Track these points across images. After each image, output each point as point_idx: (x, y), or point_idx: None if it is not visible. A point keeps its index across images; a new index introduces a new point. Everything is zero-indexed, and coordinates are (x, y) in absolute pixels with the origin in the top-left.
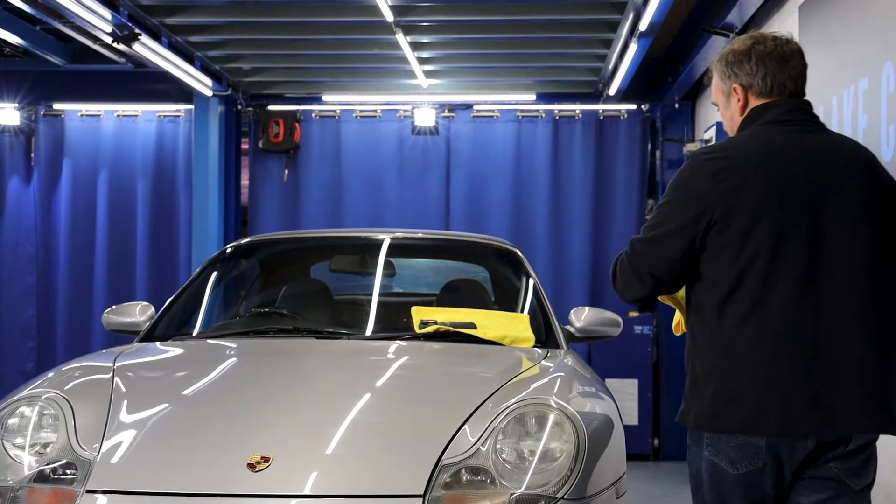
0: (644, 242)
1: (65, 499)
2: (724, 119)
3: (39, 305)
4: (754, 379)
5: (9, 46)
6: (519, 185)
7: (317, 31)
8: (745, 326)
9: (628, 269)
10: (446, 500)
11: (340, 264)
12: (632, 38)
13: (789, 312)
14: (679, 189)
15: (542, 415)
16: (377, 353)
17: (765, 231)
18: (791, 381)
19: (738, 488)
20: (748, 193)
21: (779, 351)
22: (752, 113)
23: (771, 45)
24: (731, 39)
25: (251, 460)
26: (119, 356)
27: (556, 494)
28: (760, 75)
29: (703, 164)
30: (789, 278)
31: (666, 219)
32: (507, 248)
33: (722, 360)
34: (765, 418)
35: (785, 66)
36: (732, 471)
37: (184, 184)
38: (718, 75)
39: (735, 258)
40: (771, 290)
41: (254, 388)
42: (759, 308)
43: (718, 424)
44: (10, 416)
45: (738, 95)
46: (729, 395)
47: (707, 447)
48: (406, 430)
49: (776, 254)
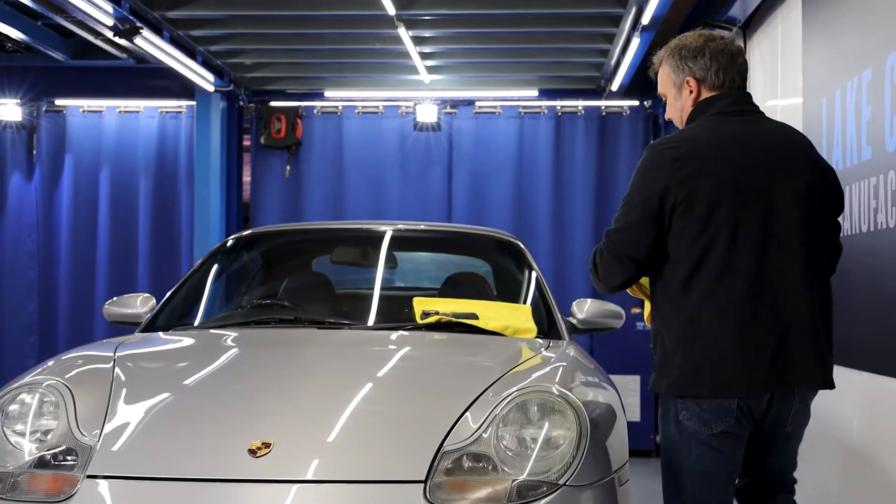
0: (619, 231)
1: (65, 484)
2: (673, 109)
3: (41, 301)
4: (720, 348)
5: (10, 42)
6: (521, 181)
7: (319, 24)
8: (709, 300)
9: (608, 257)
10: (448, 486)
11: (342, 256)
12: (634, 32)
13: (749, 287)
14: (642, 177)
15: (545, 402)
16: (379, 343)
17: (725, 213)
18: (752, 348)
19: (711, 449)
20: (706, 179)
21: (741, 321)
22: (701, 104)
23: (721, 43)
24: (736, 33)
25: (252, 446)
26: (120, 345)
27: (558, 481)
28: (714, 70)
29: (663, 153)
30: (747, 256)
31: (634, 206)
32: (509, 241)
33: (689, 332)
34: (734, 381)
35: (734, 62)
36: (707, 431)
37: (185, 180)
38: (671, 68)
39: (697, 238)
40: (732, 267)
41: (255, 376)
42: (722, 284)
43: (689, 391)
44: (11, 402)
45: (691, 87)
46: (697, 363)
47: (681, 411)
48: (407, 417)
49: (736, 234)
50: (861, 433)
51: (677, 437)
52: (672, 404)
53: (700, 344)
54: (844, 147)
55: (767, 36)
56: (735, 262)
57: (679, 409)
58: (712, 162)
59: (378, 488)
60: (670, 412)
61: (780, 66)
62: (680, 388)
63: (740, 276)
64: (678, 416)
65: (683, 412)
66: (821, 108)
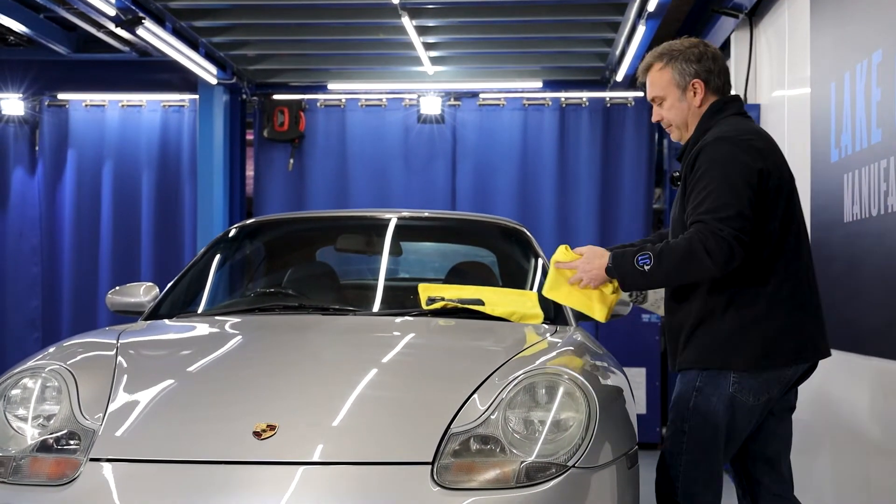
0: (739, 216)
1: (67, 468)
2: (675, 111)
3: (44, 296)
4: (797, 320)
5: (13, 35)
6: (525, 173)
7: (322, 14)
8: (787, 278)
9: (732, 242)
10: (455, 468)
11: (346, 244)
12: (640, 19)
13: (808, 268)
14: (733, 164)
15: (553, 384)
16: (384, 328)
17: (794, 201)
18: (814, 320)
19: (751, 417)
20: (783, 169)
21: (807, 298)
22: (717, 104)
23: (713, 49)
24: (742, 20)
25: (257, 428)
26: (123, 332)
27: (567, 463)
28: (716, 73)
29: (750, 143)
30: (805, 241)
31: (741, 192)
32: (515, 228)
33: (768, 307)
34: (811, 348)
35: (725, 67)
36: (753, 401)
37: (188, 174)
38: (675, 70)
39: (779, 222)
40: (799, 250)
41: (260, 361)
42: (795, 264)
43: (772, 361)
44: (13, 387)
45: (695, 89)
46: (780, 333)
47: (733, 384)
48: (413, 400)
49: (800, 221)
50: (874, 420)
51: (720, 407)
52: (724, 378)
53: (778, 320)
54: (854, 130)
55: (774, 22)
56: (802, 246)
57: (732, 383)
58: (779, 154)
59: (385, 470)
60: (721, 387)
61: (788, 53)
62: (761, 360)
63: (804, 260)
64: (730, 390)
65: (736, 384)
66: (829, 93)
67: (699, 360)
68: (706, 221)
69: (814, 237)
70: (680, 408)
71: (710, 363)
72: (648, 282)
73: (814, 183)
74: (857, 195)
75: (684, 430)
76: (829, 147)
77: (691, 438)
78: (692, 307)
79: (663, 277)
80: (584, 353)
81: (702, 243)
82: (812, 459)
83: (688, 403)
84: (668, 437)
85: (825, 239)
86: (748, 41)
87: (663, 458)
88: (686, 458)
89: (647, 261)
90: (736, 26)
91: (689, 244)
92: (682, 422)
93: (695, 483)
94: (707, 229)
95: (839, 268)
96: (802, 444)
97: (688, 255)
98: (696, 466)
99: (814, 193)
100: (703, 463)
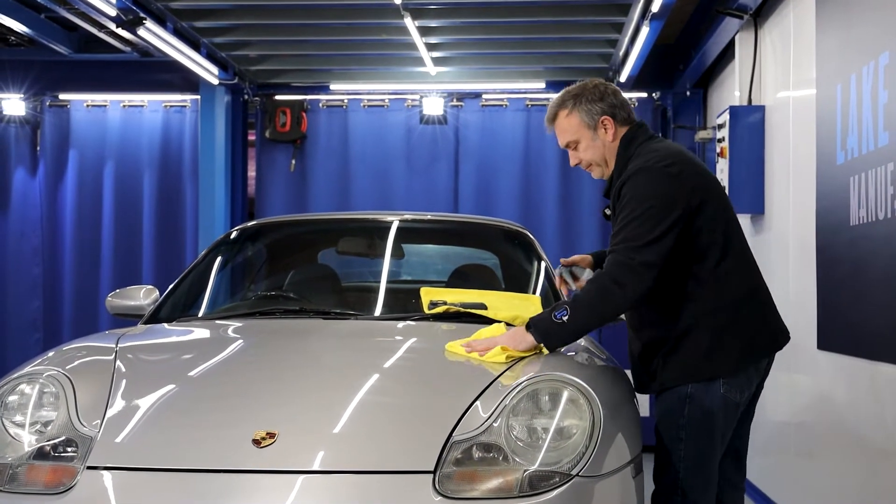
0: (649, 245)
1: (65, 475)
2: (592, 150)
3: (45, 297)
4: (761, 313)
5: (14, 35)
6: (528, 175)
7: (324, 14)
8: (741, 278)
9: (640, 269)
10: (457, 477)
11: (348, 246)
12: (644, 20)
13: (752, 260)
14: (654, 193)
15: (556, 391)
16: (385, 333)
17: (718, 206)
18: (772, 307)
19: (737, 413)
20: (699, 186)
21: (761, 289)
22: (630, 132)
23: (612, 85)
24: (746, 21)
25: (256, 436)
26: (122, 336)
27: (571, 471)
28: (619, 106)
29: (665, 171)
30: (740, 236)
31: (657, 221)
32: (518, 231)
33: (733, 311)
34: (780, 334)
35: (626, 100)
36: (740, 398)
37: (190, 175)
38: (583, 113)
39: (717, 232)
40: (742, 247)
41: (259, 366)
42: (742, 261)
43: (753, 357)
44: (10, 393)
45: (606, 125)
46: (754, 331)
47: (723, 386)
48: (415, 407)
49: (729, 219)
50: (879, 425)
51: (715, 408)
52: (714, 383)
53: (746, 320)
54: (860, 133)
55: (779, 23)
56: (742, 242)
57: (722, 385)
58: (695, 167)
59: (386, 479)
60: (712, 390)
61: (793, 54)
62: (747, 359)
63: (751, 260)
64: (721, 391)
65: (726, 386)
66: (835, 95)
67: (684, 376)
68: (617, 251)
69: (819, 240)
70: (671, 420)
71: (698, 377)
72: (571, 331)
73: (819, 185)
74: (863, 198)
75: (681, 438)
76: (834, 149)
77: (689, 445)
78: (657, 333)
79: (583, 322)
80: (587, 358)
81: (610, 277)
82: (815, 465)
83: (681, 411)
84: (662, 448)
85: (830, 242)
86: (753, 42)
87: (661, 469)
88: (685, 465)
89: (564, 313)
90: (740, 27)
91: (598, 283)
92: (678, 429)
93: (694, 490)
94: (616, 260)
95: (844, 271)
96: (804, 448)
97: (598, 294)
98: (697, 472)
99: (819, 196)
100: (704, 467)
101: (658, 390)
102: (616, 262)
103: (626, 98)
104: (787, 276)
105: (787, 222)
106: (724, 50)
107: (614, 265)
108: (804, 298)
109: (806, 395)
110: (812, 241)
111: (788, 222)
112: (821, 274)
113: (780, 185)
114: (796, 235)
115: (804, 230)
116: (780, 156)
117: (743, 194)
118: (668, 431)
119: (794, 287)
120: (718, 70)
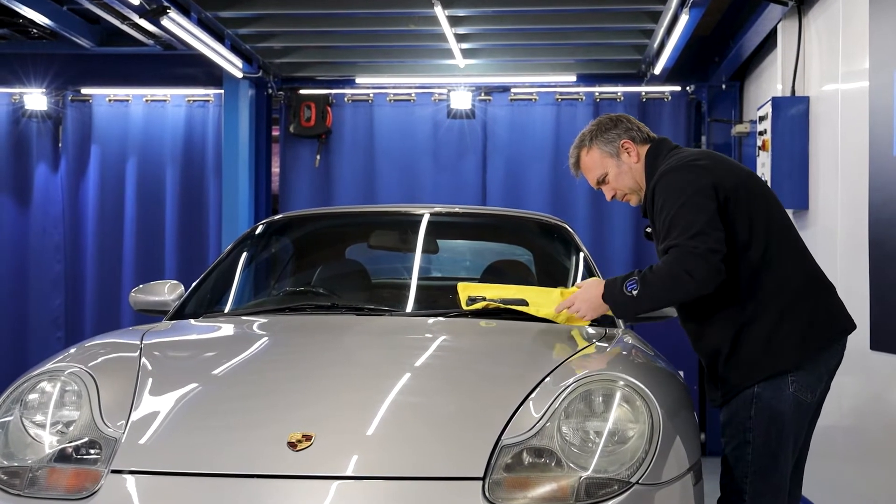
0: (704, 233)
1: (87, 479)
2: (622, 176)
3: (67, 295)
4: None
5: (36, 28)
6: (558, 170)
7: (351, 4)
8: (794, 266)
9: (708, 255)
10: (508, 484)
11: (380, 241)
12: (683, 8)
13: (804, 249)
14: (689, 185)
15: (610, 391)
16: (422, 330)
17: (754, 198)
18: (831, 292)
19: (808, 415)
20: (728, 179)
21: (817, 274)
22: (651, 151)
23: (619, 114)
24: (790, 9)
25: (292, 438)
26: (147, 333)
27: (630, 479)
28: (634, 128)
29: (695, 164)
30: (793, 230)
31: (701, 208)
32: (557, 224)
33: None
34: (843, 318)
35: (637, 121)
36: (811, 398)
37: (213, 170)
38: (602, 144)
39: (752, 224)
40: (790, 235)
41: (291, 364)
42: (796, 255)
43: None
44: (31, 391)
45: (627, 147)
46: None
47: (792, 384)
48: (459, 408)
49: (770, 210)
50: None
51: (784, 408)
52: (782, 381)
53: (807, 304)
54: None
55: (825, 10)
56: (790, 230)
57: (791, 383)
58: (725, 164)
59: (433, 485)
60: (781, 389)
61: (842, 42)
62: (802, 352)
63: (798, 239)
64: (791, 390)
65: (795, 384)
66: (891, 83)
67: (749, 374)
68: (679, 244)
69: (872, 234)
70: (737, 422)
71: (762, 373)
72: (638, 307)
73: (872, 178)
74: None
75: (748, 441)
76: (890, 140)
77: (757, 448)
78: (715, 338)
79: (651, 301)
80: (639, 356)
81: (681, 265)
82: (870, 469)
83: (748, 413)
84: (728, 453)
85: (886, 236)
86: (797, 31)
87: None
88: (753, 468)
89: (635, 286)
90: (784, 15)
91: (669, 268)
92: (745, 432)
93: (761, 497)
94: (681, 251)
95: None
96: (858, 451)
97: (670, 279)
98: (765, 478)
99: (872, 189)
100: (774, 473)
101: (722, 399)
102: (683, 253)
103: (636, 121)
104: (835, 274)
105: (834, 217)
106: (763, 41)
107: (682, 254)
108: (855, 296)
109: (857, 397)
110: (864, 235)
111: (836, 217)
112: (874, 270)
113: (826, 179)
114: (845, 230)
115: (855, 225)
116: (826, 148)
117: (786, 189)
118: (734, 434)
119: (843, 284)
120: (756, 62)
